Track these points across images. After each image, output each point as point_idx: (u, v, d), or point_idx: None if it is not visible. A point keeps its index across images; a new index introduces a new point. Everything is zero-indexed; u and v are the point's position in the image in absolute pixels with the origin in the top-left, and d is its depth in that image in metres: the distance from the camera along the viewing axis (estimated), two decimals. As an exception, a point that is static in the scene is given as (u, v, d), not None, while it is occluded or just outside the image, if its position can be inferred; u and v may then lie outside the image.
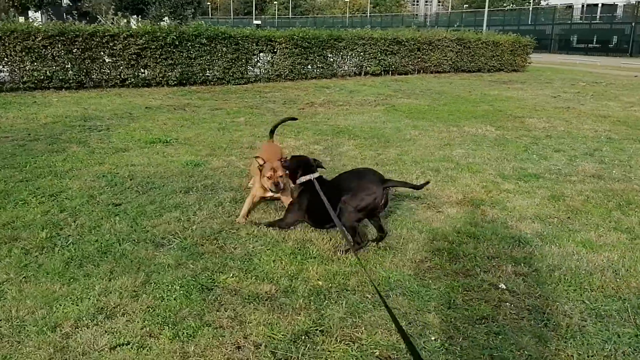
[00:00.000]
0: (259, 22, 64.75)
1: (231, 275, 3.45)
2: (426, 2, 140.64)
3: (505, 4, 72.36)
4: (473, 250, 3.93)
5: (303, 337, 2.80)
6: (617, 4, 45.49)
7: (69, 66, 11.63)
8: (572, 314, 3.08)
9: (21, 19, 16.87)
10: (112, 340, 2.70)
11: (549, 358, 2.66)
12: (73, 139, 7.04)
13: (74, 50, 11.58)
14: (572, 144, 7.65)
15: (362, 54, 16.02)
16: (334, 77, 15.80)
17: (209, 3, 78.76)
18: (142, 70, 12.56)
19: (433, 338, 2.81)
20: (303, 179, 4.07)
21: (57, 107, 9.58)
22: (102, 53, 11.93)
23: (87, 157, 6.15)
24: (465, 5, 79.11)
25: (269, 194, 4.39)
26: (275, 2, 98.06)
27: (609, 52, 40.77)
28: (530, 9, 55.94)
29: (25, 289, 3.16)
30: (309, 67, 15.18)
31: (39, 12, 37.96)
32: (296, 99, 11.67)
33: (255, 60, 14.20)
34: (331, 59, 15.62)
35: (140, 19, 27.94)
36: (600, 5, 47.77)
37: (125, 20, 16.35)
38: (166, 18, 33.39)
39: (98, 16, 22.58)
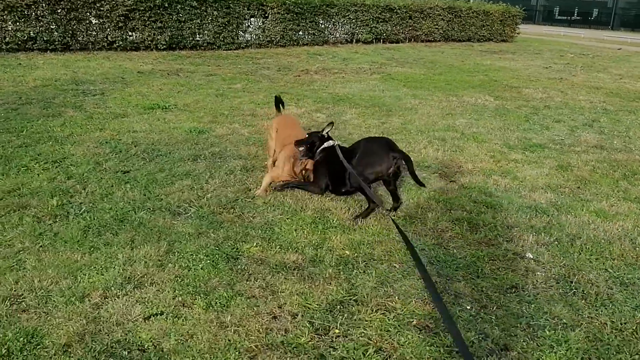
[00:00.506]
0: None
1: (255, 244, 3.39)
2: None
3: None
4: (492, 219, 3.93)
5: (338, 306, 2.78)
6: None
7: (54, 27, 11.17)
8: (598, 283, 3.11)
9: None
10: (145, 310, 2.64)
11: (584, 326, 2.68)
12: (68, 103, 6.81)
13: (59, 11, 11.10)
14: (571, 115, 7.68)
15: (354, 21, 15.74)
16: (326, 44, 15.53)
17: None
18: (130, 33, 12.13)
19: (468, 307, 2.81)
20: (325, 144, 4.00)
21: (44, 69, 9.22)
22: (88, 14, 11.46)
23: (86, 123, 5.95)
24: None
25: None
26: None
27: (591, 24, 40.88)
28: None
29: (44, 259, 3.06)
30: (301, 33, 14.88)
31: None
32: (290, 66, 11.45)
33: (247, 25, 13.84)
34: (323, 26, 15.32)
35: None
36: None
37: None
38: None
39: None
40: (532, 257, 3.36)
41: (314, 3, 14.64)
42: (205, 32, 13.04)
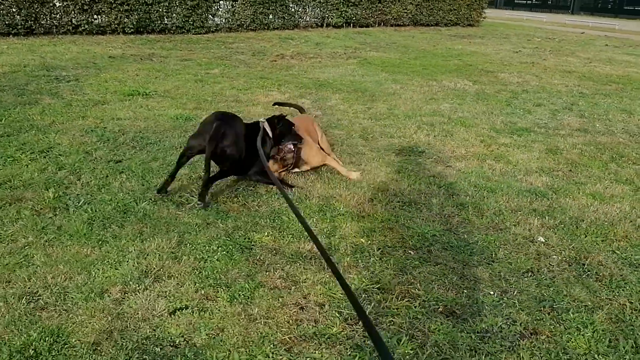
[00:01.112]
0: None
1: (266, 234, 3.34)
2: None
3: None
4: (495, 204, 3.98)
5: (363, 295, 2.77)
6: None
7: (15, 10, 10.64)
8: (608, 265, 3.20)
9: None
10: (169, 305, 2.56)
11: (605, 307, 2.75)
12: (42, 90, 6.50)
13: (20, -8, 10.57)
14: (550, 99, 7.85)
15: (324, 4, 15.59)
16: (296, 28, 15.35)
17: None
18: (96, 17, 11.68)
19: (491, 292, 2.84)
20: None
21: (9, 55, 8.78)
22: (51, -4, 10.96)
23: (66, 110, 5.70)
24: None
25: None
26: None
27: (551, 8, 41.79)
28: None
29: (53, 254, 2.93)
30: (271, 17, 14.64)
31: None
32: (264, 50, 11.27)
33: (216, 8, 13.52)
34: (293, 10, 15.12)
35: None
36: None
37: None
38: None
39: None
40: (543, 240, 3.43)
41: (284, -14, 14.41)
42: (174, 15, 12.69)
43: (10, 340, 2.25)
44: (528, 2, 44.24)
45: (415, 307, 2.69)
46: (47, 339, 2.26)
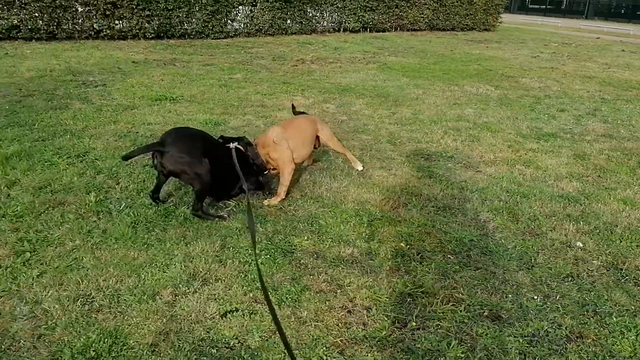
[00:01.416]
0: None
1: (305, 238, 3.38)
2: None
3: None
4: (529, 209, 4.00)
5: (408, 299, 2.80)
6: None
7: (38, 15, 10.81)
8: (648, 270, 3.20)
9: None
10: (220, 308, 2.61)
11: (650, 313, 2.77)
12: (71, 95, 6.61)
13: (44, -2, 10.74)
14: (572, 104, 7.84)
15: (342, 9, 15.67)
16: (314, 33, 15.43)
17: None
18: (117, 22, 11.83)
19: (535, 297, 2.86)
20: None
21: (34, 59, 8.93)
22: (74, 1, 11.12)
23: (97, 115, 5.80)
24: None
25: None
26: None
27: (565, 13, 41.65)
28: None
29: (101, 257, 2.99)
30: (289, 22, 14.74)
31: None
32: (283, 55, 11.35)
33: (235, 13, 13.64)
34: (311, 14, 15.20)
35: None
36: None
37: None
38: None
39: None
40: (581, 245, 3.44)
41: (302, -9, 14.51)
42: (194, 20, 12.81)
43: (70, 341, 2.31)
44: (542, 6, 44.13)
45: (460, 311, 2.72)
46: (106, 340, 2.32)
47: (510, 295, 2.87)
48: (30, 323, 2.41)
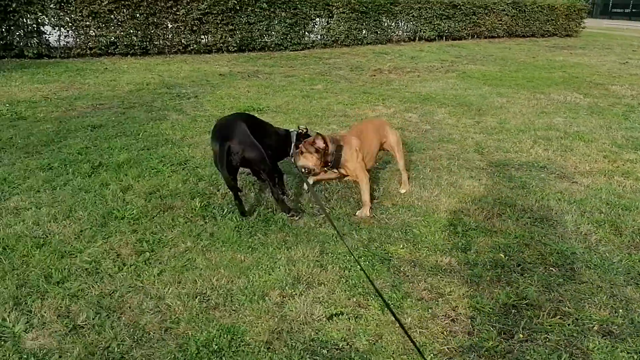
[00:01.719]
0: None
1: (401, 246, 3.43)
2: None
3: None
4: (633, 222, 3.84)
5: (513, 310, 2.78)
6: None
7: (133, 32, 11.56)
8: None
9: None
10: (326, 310, 2.71)
11: None
12: (168, 106, 7.03)
13: (138, 16, 11.47)
14: (671, 113, 7.40)
15: (417, 18, 15.62)
16: (389, 42, 15.48)
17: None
18: (203, 37, 12.43)
19: (648, 313, 2.76)
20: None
21: (131, 73, 9.56)
22: (165, 18, 11.81)
23: (193, 125, 6.14)
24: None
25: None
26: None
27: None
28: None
29: (212, 258, 3.19)
30: (364, 32, 14.88)
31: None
32: (360, 66, 11.47)
33: (312, 25, 13.95)
34: (386, 24, 15.27)
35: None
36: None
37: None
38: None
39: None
40: (697, 262, 3.27)
41: (378, 2, 14.60)
42: (273, 33, 13.22)
43: (194, 335, 2.49)
44: (626, 10, 41.84)
45: (568, 324, 2.67)
46: (225, 336, 2.48)
47: (620, 311, 2.78)
48: (156, 317, 2.62)
